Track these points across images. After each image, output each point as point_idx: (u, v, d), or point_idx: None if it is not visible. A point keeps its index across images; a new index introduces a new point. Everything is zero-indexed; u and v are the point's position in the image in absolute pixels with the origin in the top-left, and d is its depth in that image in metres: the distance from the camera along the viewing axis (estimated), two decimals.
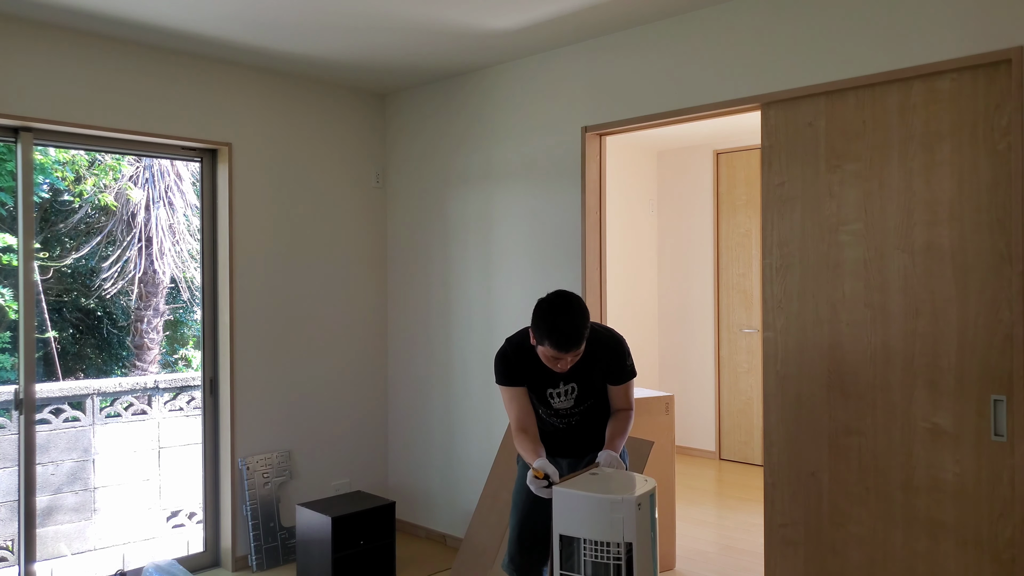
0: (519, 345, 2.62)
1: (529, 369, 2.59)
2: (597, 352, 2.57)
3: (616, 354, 2.61)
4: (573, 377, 2.58)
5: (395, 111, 4.81)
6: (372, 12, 3.39)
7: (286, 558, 4.26)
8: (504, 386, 2.63)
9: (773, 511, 3.17)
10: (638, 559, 2.15)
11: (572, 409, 2.64)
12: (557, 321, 2.38)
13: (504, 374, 2.62)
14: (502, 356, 2.63)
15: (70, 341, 8.18)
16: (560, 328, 2.37)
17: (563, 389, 2.60)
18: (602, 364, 2.59)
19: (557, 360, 2.43)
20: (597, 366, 2.59)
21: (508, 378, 2.61)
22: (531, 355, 2.57)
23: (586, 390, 2.61)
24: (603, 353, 2.59)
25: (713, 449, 6.52)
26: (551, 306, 2.43)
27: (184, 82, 3.96)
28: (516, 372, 2.60)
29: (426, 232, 4.63)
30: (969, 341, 2.69)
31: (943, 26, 2.72)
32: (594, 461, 2.56)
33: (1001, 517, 2.63)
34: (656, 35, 3.55)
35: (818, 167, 3.04)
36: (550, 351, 2.40)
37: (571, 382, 2.59)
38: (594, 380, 2.61)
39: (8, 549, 4.62)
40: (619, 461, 2.52)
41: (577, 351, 2.42)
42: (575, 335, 2.38)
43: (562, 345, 2.37)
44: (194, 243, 8.35)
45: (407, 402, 4.76)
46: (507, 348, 2.64)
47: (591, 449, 2.71)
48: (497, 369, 2.64)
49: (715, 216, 6.53)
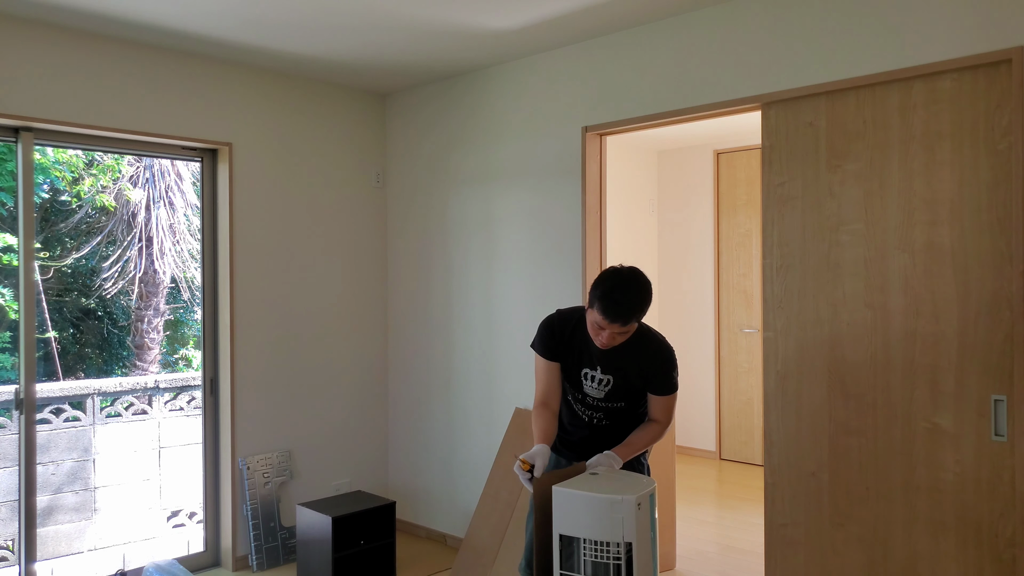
0: (567, 316, 2.57)
1: (570, 342, 2.52)
2: (645, 353, 2.49)
3: (665, 362, 2.51)
4: (610, 369, 2.49)
5: (395, 111, 4.81)
6: (372, 12, 3.39)
7: (286, 558, 4.26)
8: (540, 355, 2.57)
9: (773, 511, 3.17)
10: (638, 559, 2.15)
11: (601, 403, 2.55)
12: (615, 289, 2.31)
13: (544, 342, 2.55)
14: (547, 323, 2.58)
15: (70, 341, 8.18)
16: (614, 296, 2.30)
17: (598, 376, 2.51)
18: (646, 368, 2.49)
19: (601, 331, 2.36)
20: (639, 367, 2.49)
21: (546, 347, 2.55)
22: (576, 329, 2.52)
23: (620, 388, 2.51)
24: (651, 356, 2.50)
25: (713, 449, 6.52)
26: (616, 273, 2.38)
27: (184, 82, 3.96)
28: (557, 342, 2.53)
29: (426, 232, 4.63)
30: (969, 341, 2.69)
31: (943, 26, 2.72)
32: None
33: (1001, 517, 2.63)
34: (656, 35, 3.55)
35: (818, 167, 3.04)
36: (597, 317, 2.33)
37: (608, 373, 2.50)
38: (631, 381, 2.50)
39: (8, 549, 4.62)
40: (615, 459, 2.43)
41: (623, 328, 2.34)
42: (626, 308, 2.30)
43: (610, 313, 2.29)
44: (194, 243, 8.35)
45: (407, 402, 4.76)
46: (555, 316, 2.59)
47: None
48: (539, 334, 2.57)
49: (715, 216, 6.53)
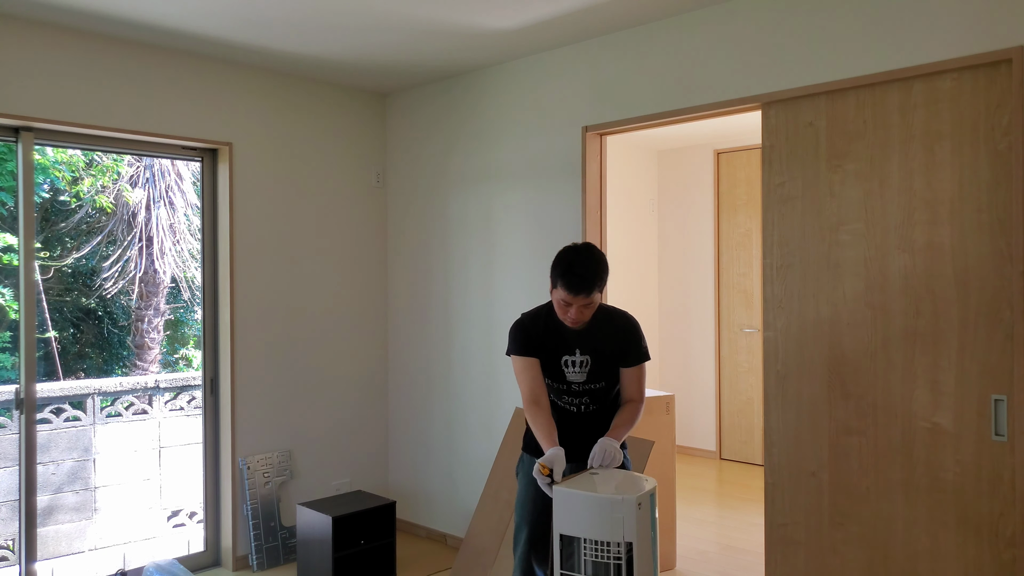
0: (534, 315, 2.69)
1: (544, 336, 2.63)
2: (614, 328, 2.64)
3: (631, 333, 2.66)
4: (588, 349, 2.61)
5: (395, 111, 4.81)
6: (372, 12, 3.39)
7: (287, 558, 4.26)
8: (518, 355, 2.64)
9: (773, 511, 3.17)
10: (638, 559, 2.15)
11: (584, 386, 2.63)
12: (574, 264, 2.47)
13: (519, 341, 2.64)
14: (518, 324, 2.68)
15: (71, 341, 8.19)
16: (575, 270, 2.45)
17: (578, 359, 2.60)
18: (619, 341, 2.63)
19: (568, 307, 2.49)
20: (611, 343, 2.62)
21: (523, 346, 2.63)
22: (546, 323, 2.63)
23: (599, 366, 2.62)
24: (621, 330, 2.65)
25: (713, 449, 6.52)
26: (572, 250, 2.53)
27: (185, 82, 3.96)
28: (531, 340, 2.62)
29: (426, 232, 4.63)
30: (969, 341, 2.69)
31: (943, 26, 2.72)
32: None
33: (1001, 517, 2.63)
34: (656, 35, 3.55)
35: (818, 167, 3.04)
36: (563, 295, 2.47)
37: (586, 353, 2.61)
38: (608, 357, 2.62)
39: (9, 549, 4.63)
40: (615, 447, 2.48)
41: (588, 299, 2.47)
42: (588, 279, 2.44)
43: (574, 287, 2.44)
44: (194, 243, 8.34)
45: (407, 402, 4.76)
46: (522, 318, 2.71)
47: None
48: (513, 337, 2.66)
49: (715, 216, 6.53)
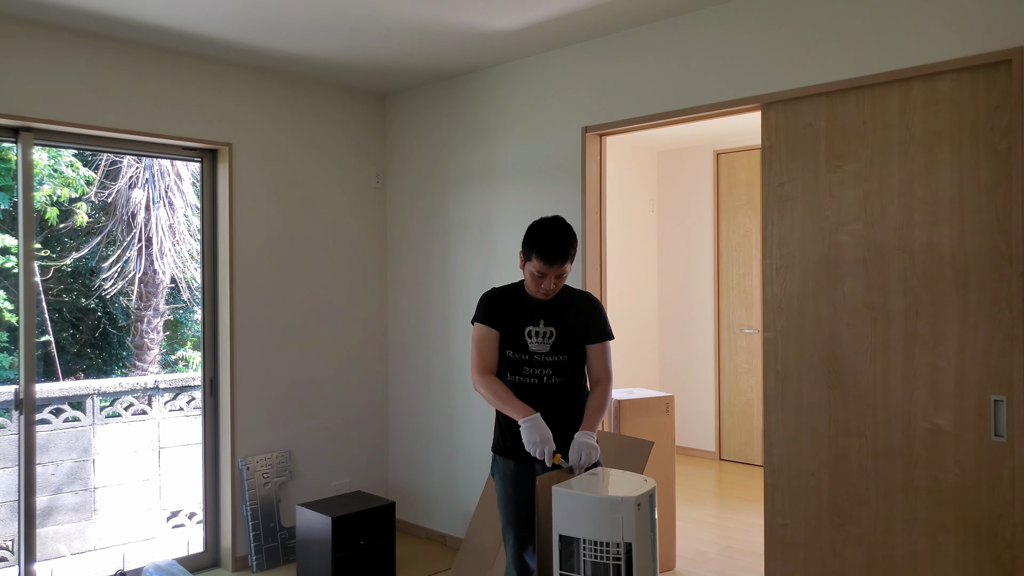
0: (504, 288, 2.80)
1: (508, 307, 2.71)
2: (579, 305, 2.74)
3: (595, 310, 2.76)
4: (552, 320, 2.68)
5: (395, 111, 4.81)
6: (372, 12, 3.39)
7: (286, 558, 4.26)
8: (481, 324, 2.70)
9: (773, 511, 3.17)
10: (638, 559, 2.15)
11: (548, 357, 2.67)
12: (547, 234, 2.58)
13: (487, 311, 2.71)
14: (488, 296, 2.77)
15: (70, 341, 8.19)
16: (549, 240, 2.56)
17: (542, 330, 2.68)
18: (582, 317, 2.71)
19: (542, 279, 2.59)
20: (577, 318, 2.70)
21: (489, 315, 2.70)
22: (513, 296, 2.73)
23: (563, 339, 2.68)
24: (585, 307, 2.75)
25: (713, 449, 6.52)
26: (543, 223, 2.64)
27: (184, 82, 3.96)
28: (499, 310, 2.71)
29: (426, 232, 4.62)
30: (969, 341, 2.69)
31: (943, 26, 2.72)
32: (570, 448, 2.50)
33: (1001, 517, 2.63)
34: (656, 35, 3.55)
35: (818, 167, 3.04)
36: (537, 265, 2.57)
37: (550, 325, 2.68)
38: (571, 330, 2.69)
39: (8, 549, 4.62)
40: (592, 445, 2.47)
41: (561, 268, 2.58)
42: (562, 249, 2.56)
43: (549, 257, 2.54)
44: (194, 243, 8.34)
45: (407, 402, 4.76)
46: (492, 290, 2.81)
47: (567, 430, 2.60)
48: (481, 307, 2.74)
49: (715, 216, 6.53)
